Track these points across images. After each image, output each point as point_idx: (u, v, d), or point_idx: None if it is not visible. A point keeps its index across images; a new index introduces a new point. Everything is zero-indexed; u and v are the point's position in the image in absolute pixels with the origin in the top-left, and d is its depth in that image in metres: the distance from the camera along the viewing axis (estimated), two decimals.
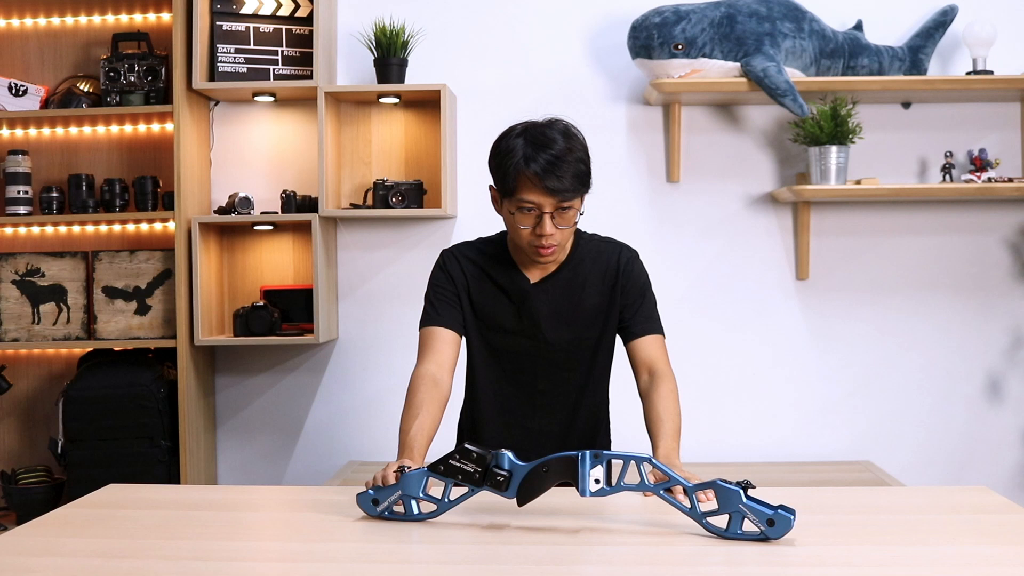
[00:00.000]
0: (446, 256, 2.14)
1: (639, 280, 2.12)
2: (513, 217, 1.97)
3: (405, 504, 1.61)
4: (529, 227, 1.96)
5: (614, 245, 2.14)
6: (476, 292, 2.10)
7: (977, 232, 3.25)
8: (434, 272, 2.14)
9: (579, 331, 2.10)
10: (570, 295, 2.09)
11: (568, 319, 2.09)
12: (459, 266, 2.12)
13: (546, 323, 2.08)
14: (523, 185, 1.92)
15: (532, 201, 1.93)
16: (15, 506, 3.10)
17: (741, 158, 3.26)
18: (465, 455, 1.57)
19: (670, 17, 3.01)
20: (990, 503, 1.74)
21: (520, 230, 1.97)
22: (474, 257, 2.12)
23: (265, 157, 3.33)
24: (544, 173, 1.90)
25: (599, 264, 2.10)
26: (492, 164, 2.00)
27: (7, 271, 3.20)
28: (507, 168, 1.94)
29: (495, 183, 2.01)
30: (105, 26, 3.32)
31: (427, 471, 1.60)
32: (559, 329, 2.09)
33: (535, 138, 1.93)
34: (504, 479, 1.55)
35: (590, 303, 2.09)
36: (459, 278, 2.10)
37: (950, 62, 3.23)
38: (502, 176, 1.96)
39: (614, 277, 2.10)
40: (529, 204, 1.93)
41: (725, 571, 1.38)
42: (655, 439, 1.93)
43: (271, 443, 3.37)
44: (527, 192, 1.92)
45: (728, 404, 3.27)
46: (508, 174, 1.94)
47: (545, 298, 2.08)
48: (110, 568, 1.40)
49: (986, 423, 3.26)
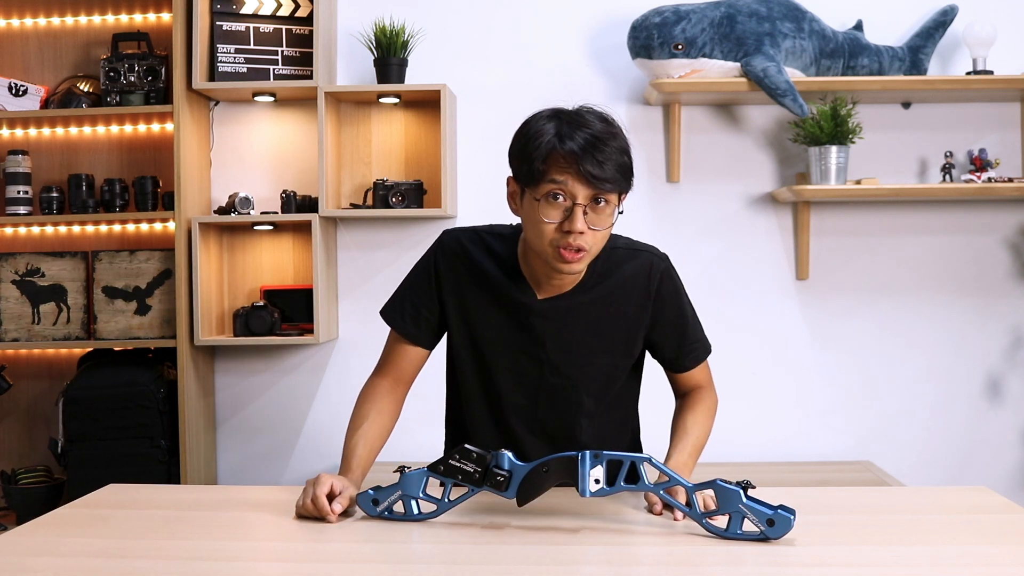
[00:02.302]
0: (441, 248, 1.85)
1: (675, 303, 1.84)
2: (537, 208, 1.65)
3: (405, 504, 1.61)
4: (556, 221, 1.64)
5: (644, 257, 1.82)
6: (470, 298, 1.82)
7: (977, 232, 3.25)
8: (422, 262, 1.87)
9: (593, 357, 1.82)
10: (586, 317, 1.79)
11: (579, 343, 1.81)
12: (453, 264, 1.83)
13: (554, 345, 1.80)
14: (554, 167, 1.63)
15: (563, 187, 1.63)
16: (15, 506, 3.10)
17: (741, 158, 3.26)
18: (465, 455, 1.57)
19: (670, 17, 3.01)
20: (990, 503, 1.74)
21: (543, 224, 1.65)
22: (476, 254, 1.82)
23: (265, 157, 3.33)
24: (582, 154, 1.61)
25: (623, 283, 1.80)
26: (515, 149, 1.70)
27: (7, 271, 3.20)
28: (535, 148, 1.64)
29: (517, 172, 1.70)
30: (105, 26, 3.32)
31: (427, 471, 1.60)
32: (569, 353, 1.81)
33: (571, 119, 1.65)
34: (504, 479, 1.55)
35: (608, 329, 1.81)
36: (449, 279, 1.83)
37: (950, 62, 3.23)
38: (527, 159, 1.65)
39: (645, 295, 1.81)
40: (559, 191, 1.63)
41: (725, 571, 1.38)
42: (671, 448, 1.79)
43: (271, 443, 3.37)
44: (558, 174, 1.62)
45: (728, 404, 3.24)
46: (536, 155, 1.63)
47: (555, 318, 1.79)
48: (110, 568, 1.40)
49: (986, 423, 3.26)
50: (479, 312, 1.82)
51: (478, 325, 1.83)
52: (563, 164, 1.63)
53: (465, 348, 1.85)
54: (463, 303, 1.83)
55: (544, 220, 1.65)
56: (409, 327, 1.86)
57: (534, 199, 1.66)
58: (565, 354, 1.81)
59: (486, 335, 1.83)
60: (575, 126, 1.64)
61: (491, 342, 1.83)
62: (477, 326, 1.83)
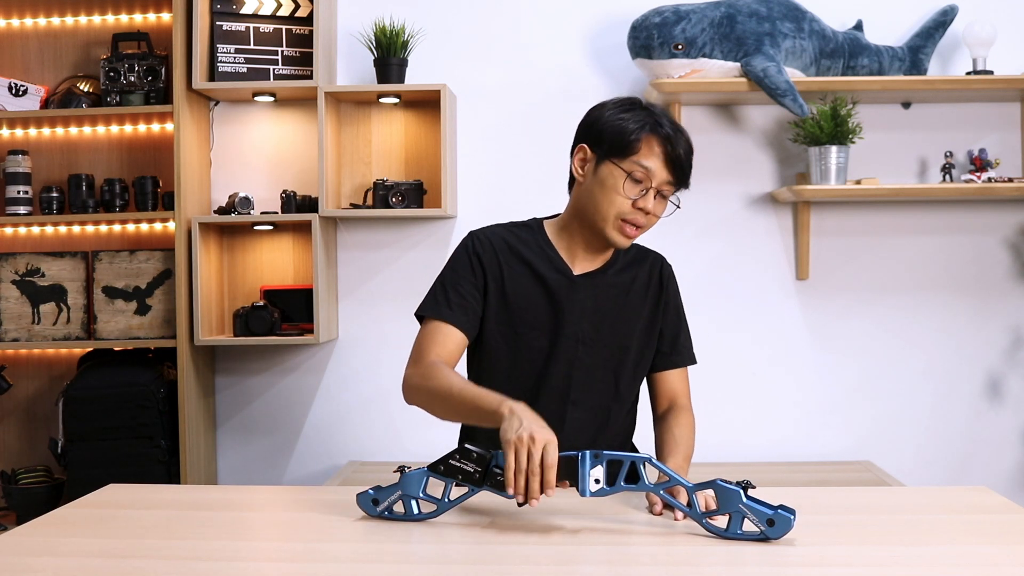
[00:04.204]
0: (476, 238, 1.91)
1: (677, 301, 1.98)
2: (618, 180, 1.77)
3: (405, 504, 1.61)
4: (633, 197, 1.77)
5: (655, 256, 1.98)
6: (509, 280, 1.88)
7: (977, 232, 3.25)
8: (458, 254, 1.91)
9: (622, 339, 1.91)
10: (616, 297, 1.90)
11: (612, 322, 1.90)
12: (492, 249, 1.89)
13: (589, 322, 1.88)
14: (646, 146, 1.76)
15: (649, 169, 1.76)
16: (15, 506, 3.10)
17: (741, 158, 3.26)
18: (465, 455, 1.57)
19: (670, 17, 3.01)
20: (990, 503, 1.74)
21: (619, 196, 1.77)
22: (509, 240, 1.90)
23: (265, 157, 3.33)
24: (674, 143, 1.76)
25: (643, 272, 1.94)
26: (599, 125, 1.80)
27: (7, 271, 3.20)
28: (629, 127, 1.76)
29: (599, 143, 1.80)
30: (105, 26, 3.32)
31: (427, 471, 1.60)
32: (601, 330, 1.89)
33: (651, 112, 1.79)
34: (503, 481, 1.55)
35: (635, 311, 1.92)
36: (491, 264, 1.88)
37: (950, 62, 3.23)
38: (619, 134, 1.77)
39: (658, 289, 1.94)
40: (642, 173, 1.76)
41: (725, 571, 1.38)
42: (665, 457, 1.84)
43: (271, 443, 3.38)
44: (647, 158, 1.76)
45: (728, 404, 3.27)
46: (629, 132, 1.76)
47: (590, 293, 1.88)
48: (110, 568, 1.40)
49: (986, 423, 3.26)
50: (518, 292, 1.89)
51: (516, 305, 1.89)
52: (656, 147, 1.76)
53: (501, 331, 1.90)
54: (502, 286, 1.89)
55: (621, 192, 1.77)
56: (457, 314, 1.86)
57: (618, 169, 1.77)
58: (598, 331, 1.89)
59: (525, 317, 1.89)
60: (664, 116, 1.79)
61: (529, 323, 1.89)
62: (515, 306, 1.89)
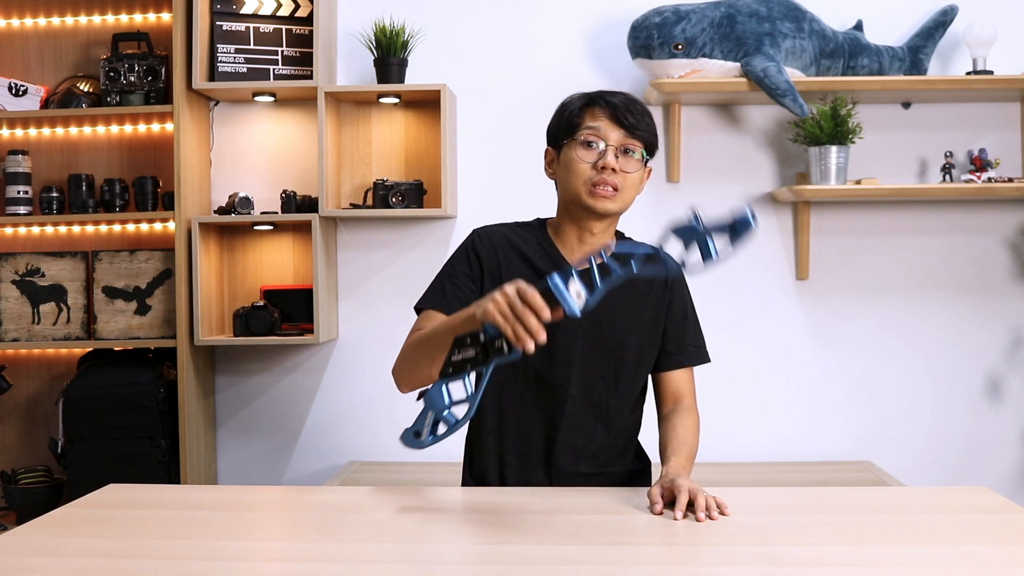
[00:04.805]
0: (477, 235, 1.96)
1: (684, 298, 1.99)
2: (574, 151, 1.84)
3: (443, 419, 1.57)
4: (591, 161, 1.83)
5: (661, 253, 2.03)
6: (507, 275, 1.88)
7: (977, 232, 3.25)
8: (458, 252, 1.96)
9: (622, 336, 1.91)
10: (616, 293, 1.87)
11: (612, 318, 1.90)
12: (491, 244, 1.93)
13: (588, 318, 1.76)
14: (589, 115, 1.85)
15: (597, 132, 1.83)
16: (15, 506, 3.10)
17: (741, 158, 3.26)
18: (459, 344, 1.55)
19: (670, 17, 3.01)
20: (990, 503, 1.74)
21: (579, 164, 1.83)
22: (510, 236, 1.95)
23: (265, 157, 3.33)
24: (617, 104, 1.83)
25: None
26: (553, 120, 1.91)
27: (7, 271, 3.20)
28: (571, 110, 1.86)
29: (554, 133, 1.90)
30: (105, 26, 3.32)
31: (442, 381, 1.57)
32: (601, 327, 1.89)
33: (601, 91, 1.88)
34: (502, 344, 1.52)
35: (636, 309, 1.92)
36: (488, 259, 1.91)
37: (950, 62, 3.23)
38: (566, 119, 1.87)
39: (663, 289, 1.95)
40: (593, 136, 1.83)
41: (725, 571, 1.38)
42: (668, 456, 1.82)
43: (271, 443, 3.38)
44: (592, 120, 1.84)
45: (728, 404, 3.27)
46: (573, 108, 1.86)
47: None
48: (110, 568, 1.40)
49: (986, 423, 3.26)
50: None
51: None
52: (598, 113, 1.84)
53: None
54: (499, 280, 1.87)
55: (580, 160, 1.83)
56: (451, 302, 1.87)
57: (573, 143, 1.84)
58: (598, 328, 1.89)
59: None
60: (608, 93, 1.86)
61: None
62: None
